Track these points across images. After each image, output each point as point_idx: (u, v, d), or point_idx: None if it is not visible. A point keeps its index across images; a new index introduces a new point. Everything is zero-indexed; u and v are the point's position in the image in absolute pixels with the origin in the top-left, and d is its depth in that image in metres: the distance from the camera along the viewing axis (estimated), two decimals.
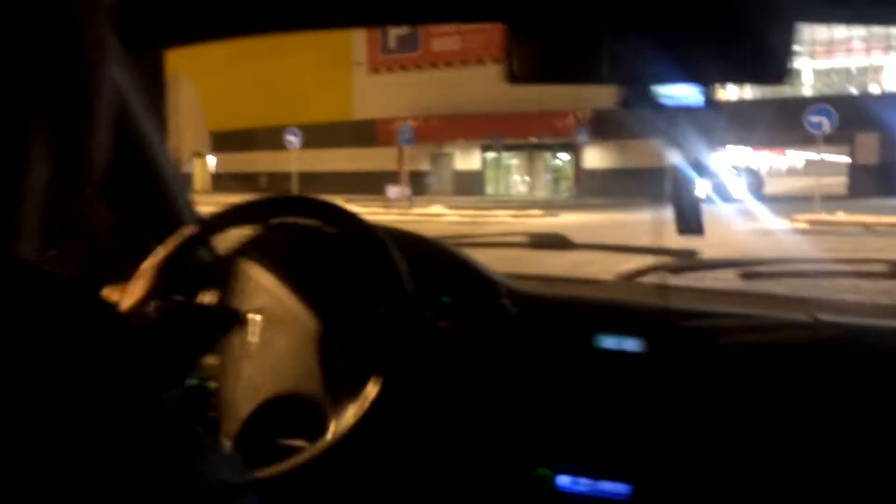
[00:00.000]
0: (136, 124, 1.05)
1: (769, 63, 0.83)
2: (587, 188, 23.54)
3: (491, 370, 1.10)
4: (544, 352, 1.10)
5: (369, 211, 16.68)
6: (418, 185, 26.56)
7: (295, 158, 19.20)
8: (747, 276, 1.19)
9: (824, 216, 12.84)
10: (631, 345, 1.06)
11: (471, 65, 23.57)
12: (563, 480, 1.07)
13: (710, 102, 0.93)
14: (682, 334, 1.06)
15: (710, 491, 1.02)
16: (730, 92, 22.10)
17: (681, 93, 0.93)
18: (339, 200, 1.03)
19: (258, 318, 0.95)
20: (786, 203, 16.65)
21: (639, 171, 21.93)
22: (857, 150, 23.32)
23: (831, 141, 14.01)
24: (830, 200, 17.46)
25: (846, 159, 24.59)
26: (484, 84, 18.19)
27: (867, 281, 1.23)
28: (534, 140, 25.30)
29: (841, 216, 12.93)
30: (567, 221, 13.94)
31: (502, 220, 13.70)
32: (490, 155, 26.41)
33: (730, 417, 1.02)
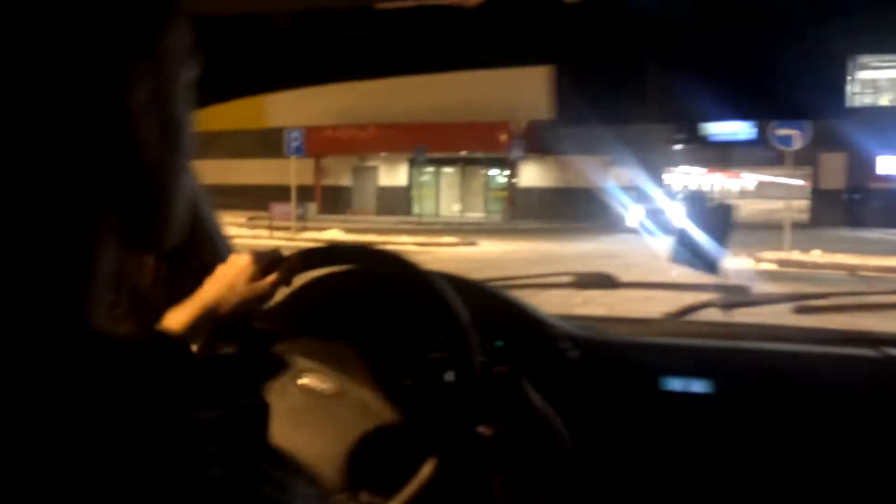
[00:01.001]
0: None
1: (826, 98, 0.95)
2: (523, 209, 23.91)
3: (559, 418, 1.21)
4: (610, 396, 1.23)
5: (253, 234, 15.86)
6: (339, 202, 26.44)
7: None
8: (801, 310, 1.36)
9: (797, 255, 11.31)
10: (699, 386, 1.20)
11: None
12: None
13: (762, 137, 1.08)
14: (751, 374, 1.21)
15: None
16: None
17: (732, 128, 1.09)
18: (242, 216, 1.12)
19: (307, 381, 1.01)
20: (745, 233, 16.47)
21: (580, 191, 22.42)
22: (821, 172, 22.96)
23: (795, 161, 14.03)
24: (794, 230, 18.48)
25: (800, 182, 24.66)
26: (412, 90, 18.17)
27: None
28: (464, 154, 25.51)
29: (818, 256, 11.35)
30: (483, 253, 13.32)
31: (407, 250, 12.87)
32: (419, 170, 26.43)
33: (804, 457, 1.17)
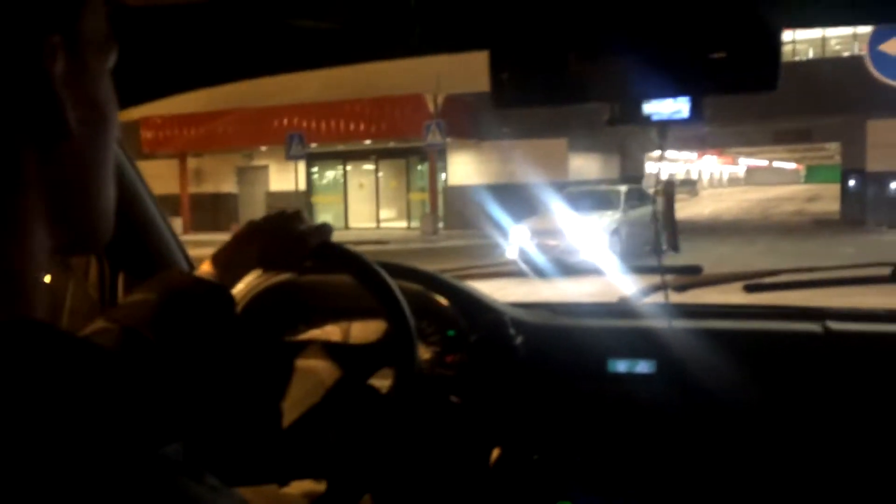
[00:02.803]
0: (124, 177, 1.50)
1: (758, 71, 1.18)
2: (455, 216, 23.15)
3: (504, 403, 1.56)
4: (557, 380, 1.61)
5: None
6: (220, 214, 25.15)
7: None
8: (751, 288, 1.76)
9: None
10: (643, 367, 1.58)
11: None
12: None
13: (697, 115, 1.41)
14: (691, 353, 1.57)
15: None
16: None
17: (669, 108, 1.40)
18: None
19: None
20: (734, 244, 15.91)
21: (528, 189, 19.89)
22: (869, 146, 19.60)
23: (822, 135, 12.68)
24: (823, 227, 17.03)
25: (793, 166, 23.25)
26: None
27: (874, 286, 1.80)
28: (372, 145, 24.47)
29: None
30: None
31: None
32: (321, 169, 25.77)
33: (743, 433, 1.54)
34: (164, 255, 1.65)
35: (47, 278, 1.69)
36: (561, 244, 12.56)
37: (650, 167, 30.43)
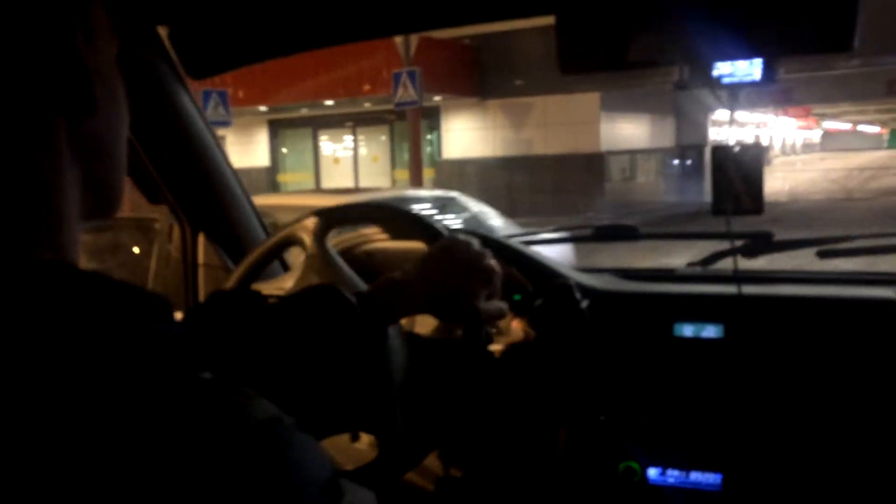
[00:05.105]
0: (205, 146, 1.56)
1: (833, 31, 1.12)
2: None
3: (569, 366, 1.58)
4: (623, 344, 1.61)
5: None
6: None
7: None
8: (824, 254, 1.73)
9: None
10: (710, 331, 1.58)
11: None
12: (652, 473, 1.58)
13: (770, 77, 1.38)
14: (760, 319, 1.56)
15: (799, 474, 1.51)
16: None
17: (741, 69, 1.38)
18: None
19: None
20: None
21: (554, 162, 17.17)
22: None
23: None
24: None
25: (876, 129, 19.45)
26: None
27: None
28: (332, 106, 19.65)
29: None
30: None
31: None
32: (296, 141, 21.38)
33: (811, 400, 1.52)
34: (241, 219, 1.75)
35: (135, 247, 1.82)
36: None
37: (714, 133, 23.05)
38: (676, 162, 21.13)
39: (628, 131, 18.97)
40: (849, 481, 1.50)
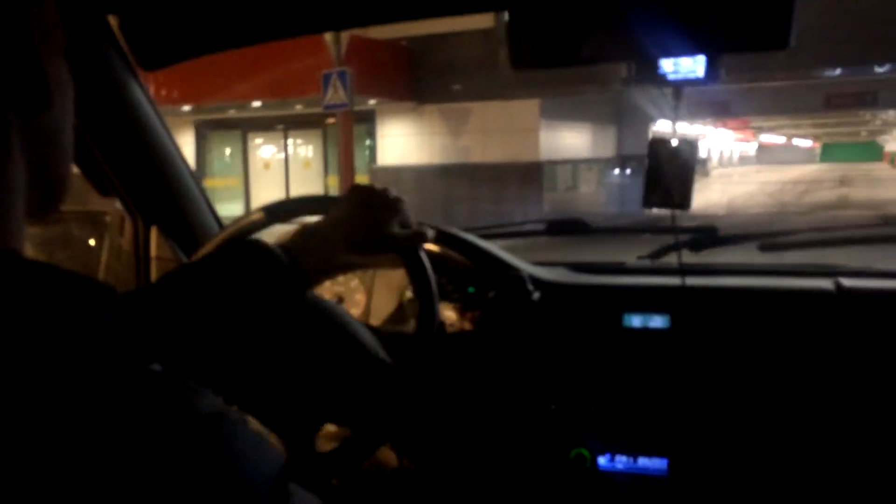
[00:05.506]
0: (157, 138, 1.56)
1: (770, 29, 1.16)
2: None
3: (520, 357, 1.61)
4: (574, 335, 1.66)
5: None
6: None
7: None
8: (766, 247, 1.78)
9: None
10: (657, 322, 1.63)
11: None
12: (602, 460, 1.63)
13: (713, 74, 1.42)
14: (704, 310, 1.62)
15: (742, 459, 1.56)
16: None
17: (685, 66, 1.42)
18: None
19: None
20: None
21: (490, 171, 16.54)
22: None
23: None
24: None
25: (808, 143, 19.69)
26: None
27: (890, 246, 1.82)
28: (259, 108, 18.38)
29: None
30: None
31: None
32: (224, 144, 20.52)
33: (754, 388, 1.58)
34: (194, 211, 1.73)
35: (85, 240, 1.79)
36: None
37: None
38: (617, 172, 21.08)
39: (569, 140, 18.75)
40: (789, 464, 1.55)
